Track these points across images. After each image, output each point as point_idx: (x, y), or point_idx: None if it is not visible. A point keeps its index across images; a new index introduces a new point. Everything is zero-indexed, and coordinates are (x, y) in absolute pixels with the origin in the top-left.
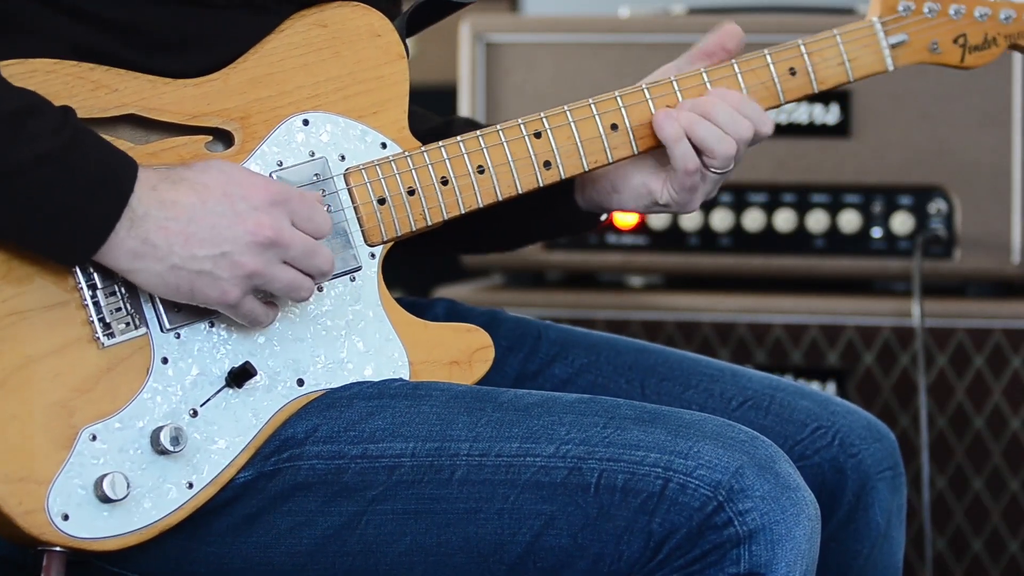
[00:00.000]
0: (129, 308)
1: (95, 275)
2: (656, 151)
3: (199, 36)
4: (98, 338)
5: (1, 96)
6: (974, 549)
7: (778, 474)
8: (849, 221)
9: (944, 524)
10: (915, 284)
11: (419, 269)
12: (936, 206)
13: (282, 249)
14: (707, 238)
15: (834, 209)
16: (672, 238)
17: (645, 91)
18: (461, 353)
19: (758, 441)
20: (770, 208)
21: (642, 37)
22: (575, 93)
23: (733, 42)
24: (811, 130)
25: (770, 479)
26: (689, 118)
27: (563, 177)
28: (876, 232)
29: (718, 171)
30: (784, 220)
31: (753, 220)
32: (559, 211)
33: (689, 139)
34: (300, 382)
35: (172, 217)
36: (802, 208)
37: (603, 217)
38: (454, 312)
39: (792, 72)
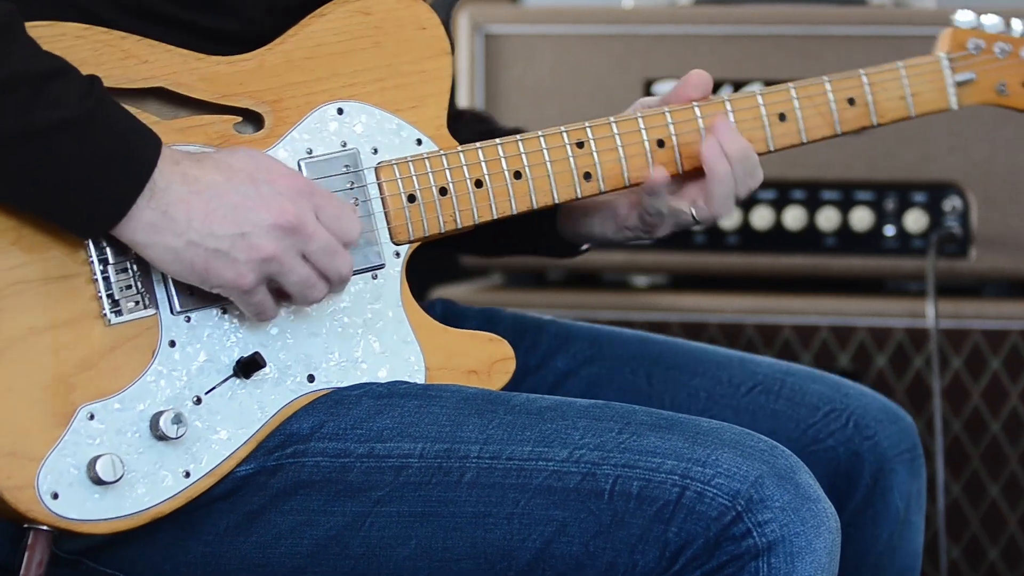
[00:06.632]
0: (140, 287)
1: (107, 249)
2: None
3: None
4: (105, 315)
5: (29, 57)
6: (990, 558)
7: (798, 484)
8: (861, 219)
9: (959, 532)
10: (929, 284)
11: (418, 269)
12: (951, 203)
13: (303, 239)
14: (714, 236)
15: (845, 207)
16: (677, 236)
17: (695, 109)
18: (480, 363)
19: (778, 450)
20: (779, 205)
21: (646, 28)
22: (577, 86)
23: (697, 92)
24: None
25: (790, 489)
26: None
27: (603, 191)
28: (889, 230)
29: (701, 222)
30: (793, 218)
31: (761, 218)
32: (542, 235)
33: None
34: (311, 378)
35: (195, 192)
36: (812, 205)
37: (584, 248)
38: (451, 313)
39: (851, 102)
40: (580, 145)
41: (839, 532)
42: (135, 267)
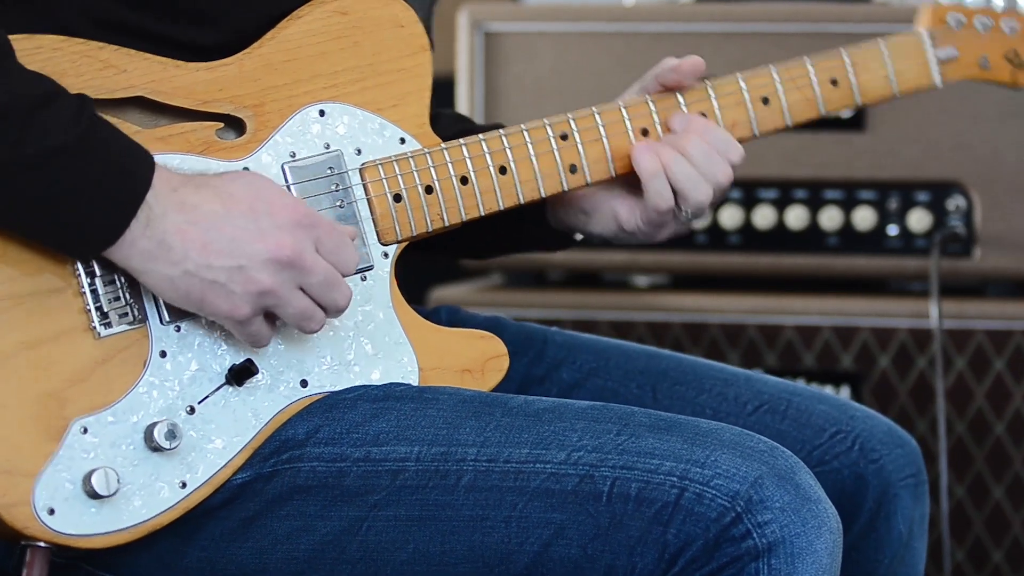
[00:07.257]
0: (128, 298)
1: (94, 263)
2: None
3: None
4: (94, 328)
5: (18, 84)
6: (994, 560)
7: (798, 485)
8: (864, 218)
9: (963, 534)
10: (933, 284)
11: (416, 269)
12: (954, 202)
13: (300, 273)
14: (715, 236)
15: (848, 206)
16: (679, 236)
17: (678, 96)
18: (473, 361)
19: (777, 451)
20: (781, 205)
21: (647, 26)
22: (577, 84)
23: (688, 82)
24: (824, 123)
25: (790, 490)
26: (669, 154)
27: (589, 183)
28: (892, 230)
29: (689, 216)
30: (796, 217)
31: (763, 217)
32: (531, 227)
33: (667, 177)
34: (304, 383)
35: (192, 221)
36: (815, 205)
37: (578, 237)
38: (456, 319)
39: (834, 82)
40: (564, 137)
41: (840, 532)
42: (123, 279)
